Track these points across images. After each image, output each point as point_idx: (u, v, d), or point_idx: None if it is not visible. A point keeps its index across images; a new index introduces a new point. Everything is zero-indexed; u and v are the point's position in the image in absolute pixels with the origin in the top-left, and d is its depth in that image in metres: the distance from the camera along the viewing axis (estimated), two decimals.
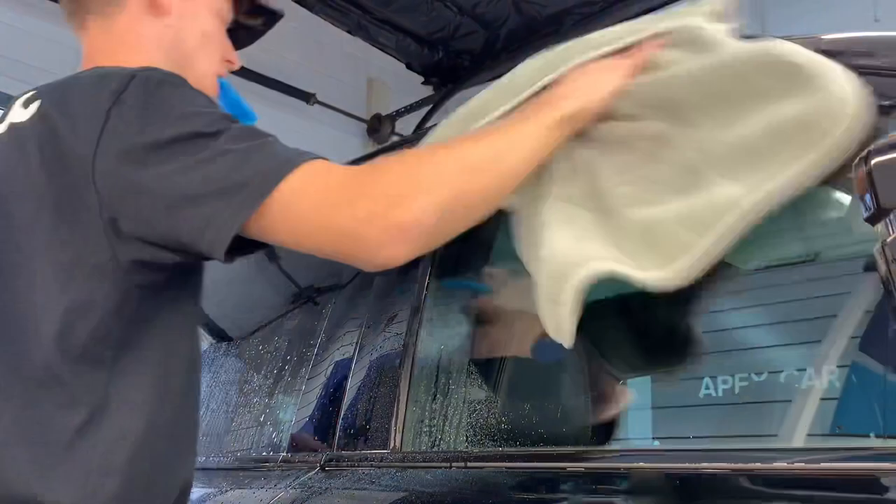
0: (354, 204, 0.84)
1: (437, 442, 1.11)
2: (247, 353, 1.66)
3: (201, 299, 1.02)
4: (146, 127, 0.86)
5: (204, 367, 1.77)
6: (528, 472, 0.93)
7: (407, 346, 1.12)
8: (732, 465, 0.77)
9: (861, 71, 0.86)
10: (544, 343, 1.09)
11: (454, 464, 1.01)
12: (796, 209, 1.03)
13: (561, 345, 0.93)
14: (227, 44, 1.15)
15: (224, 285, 1.91)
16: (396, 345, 1.14)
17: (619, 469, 0.86)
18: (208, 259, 0.89)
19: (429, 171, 0.88)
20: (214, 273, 1.92)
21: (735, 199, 0.85)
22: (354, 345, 1.21)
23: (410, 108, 5.67)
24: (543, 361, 1.16)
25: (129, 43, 1.06)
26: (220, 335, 1.84)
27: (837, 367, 0.80)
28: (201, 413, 1.05)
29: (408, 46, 5.52)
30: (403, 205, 0.84)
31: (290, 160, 0.85)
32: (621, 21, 1.13)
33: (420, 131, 2.32)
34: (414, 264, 1.19)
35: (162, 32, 1.06)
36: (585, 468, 0.88)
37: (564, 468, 0.90)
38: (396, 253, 0.85)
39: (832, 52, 0.92)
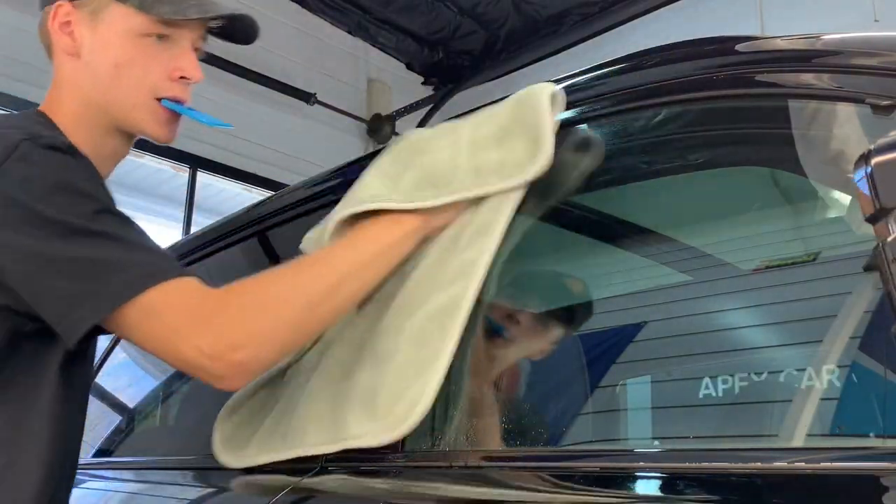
0: (202, 336, 0.90)
1: (437, 442, 1.10)
2: None
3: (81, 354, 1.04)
4: (27, 200, 0.89)
5: None
6: (529, 471, 0.93)
7: None
8: (732, 465, 0.77)
9: (861, 71, 0.86)
10: None
11: (454, 463, 1.01)
12: (796, 209, 1.03)
13: None
14: (173, 60, 1.06)
15: (222, 283, 1.91)
16: None
17: (620, 469, 0.86)
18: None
19: (272, 312, 0.95)
20: (213, 269, 1.91)
21: None
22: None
23: (410, 108, 5.67)
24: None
25: (58, 85, 1.09)
26: None
27: (837, 367, 0.80)
28: (204, 410, 1.06)
29: (408, 46, 5.52)
30: (247, 347, 0.91)
31: (157, 273, 0.91)
32: (620, 22, 1.14)
33: None
34: None
35: (78, 73, 1.06)
36: (587, 468, 0.88)
37: (565, 468, 0.90)
38: (237, 384, 0.97)
39: (832, 52, 0.92)
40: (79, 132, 1.04)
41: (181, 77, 1.07)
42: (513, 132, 1.06)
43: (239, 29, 1.13)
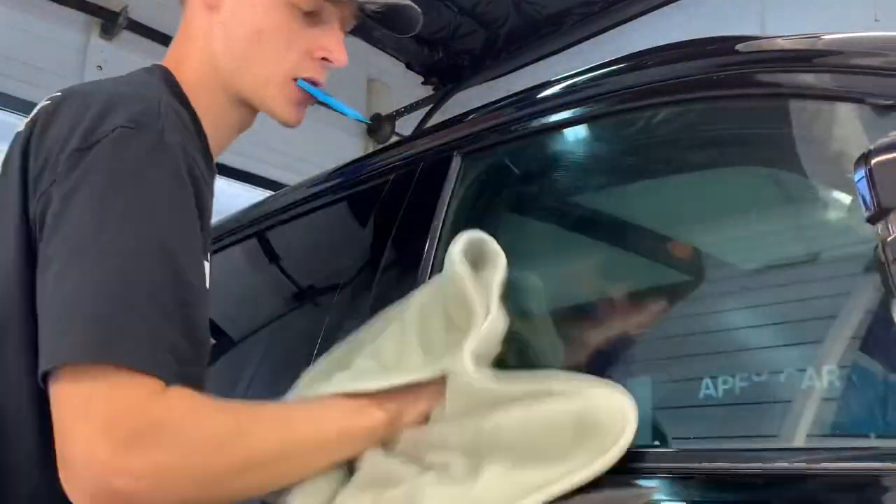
0: (101, 442, 0.69)
1: None
2: (247, 352, 1.66)
3: None
4: (80, 197, 0.74)
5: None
6: None
7: None
8: (732, 465, 0.77)
9: (861, 71, 0.86)
10: None
11: None
12: (796, 209, 1.03)
13: None
14: (318, 38, 0.94)
15: (223, 284, 1.91)
16: None
17: (621, 469, 0.86)
18: None
19: (193, 454, 0.73)
20: (213, 270, 1.91)
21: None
22: None
23: (410, 108, 5.67)
24: None
25: (186, 39, 0.96)
26: (218, 335, 1.84)
27: (837, 367, 0.80)
28: None
29: (408, 46, 5.52)
30: (140, 480, 0.69)
31: (112, 350, 0.71)
32: (620, 22, 1.13)
33: (420, 131, 2.32)
34: (414, 263, 1.19)
35: (213, 30, 0.94)
36: None
37: None
38: None
39: (833, 52, 0.92)
40: (203, 95, 0.92)
41: (323, 58, 0.95)
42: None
43: (400, 17, 1.01)
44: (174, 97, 0.89)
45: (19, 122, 0.90)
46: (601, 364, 1.13)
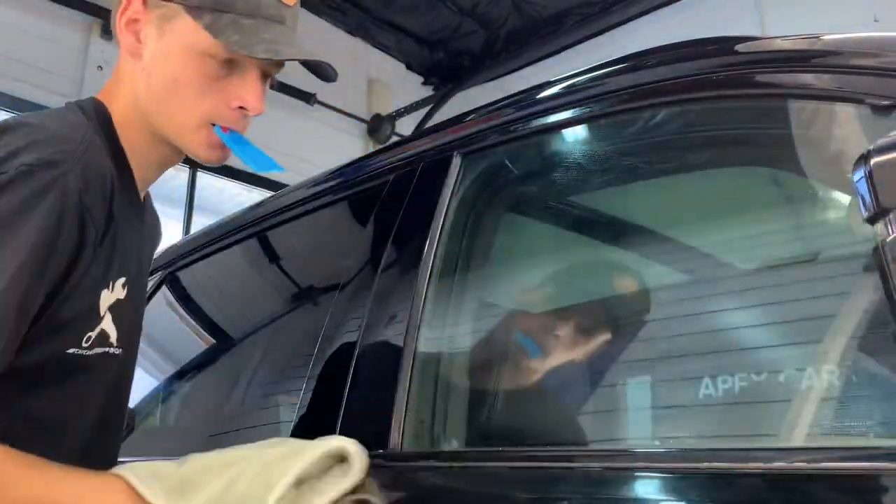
0: None
1: (437, 442, 1.11)
2: (248, 352, 1.66)
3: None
4: None
5: (204, 366, 1.77)
6: (528, 471, 0.93)
7: (407, 345, 1.12)
8: (732, 465, 0.77)
9: (861, 71, 0.86)
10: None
11: (454, 464, 1.01)
12: (796, 209, 1.03)
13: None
14: (235, 87, 0.99)
15: (223, 285, 1.91)
16: (397, 344, 1.14)
17: (620, 469, 0.86)
18: None
19: None
20: (213, 270, 1.91)
21: None
22: (354, 345, 1.21)
23: (410, 108, 5.68)
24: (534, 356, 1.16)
25: (117, 78, 1.04)
26: (219, 335, 1.84)
27: (837, 367, 0.80)
28: (204, 409, 1.04)
29: (408, 46, 5.53)
30: None
31: None
32: (620, 22, 1.12)
33: (420, 131, 2.32)
34: (414, 263, 1.19)
35: (136, 75, 1.01)
36: (586, 468, 0.88)
37: (564, 468, 0.90)
38: None
39: (832, 52, 0.92)
40: (129, 131, 1.01)
41: (240, 107, 1.00)
42: None
43: (317, 70, 1.06)
44: (103, 134, 0.97)
45: None
46: (600, 362, 1.13)
